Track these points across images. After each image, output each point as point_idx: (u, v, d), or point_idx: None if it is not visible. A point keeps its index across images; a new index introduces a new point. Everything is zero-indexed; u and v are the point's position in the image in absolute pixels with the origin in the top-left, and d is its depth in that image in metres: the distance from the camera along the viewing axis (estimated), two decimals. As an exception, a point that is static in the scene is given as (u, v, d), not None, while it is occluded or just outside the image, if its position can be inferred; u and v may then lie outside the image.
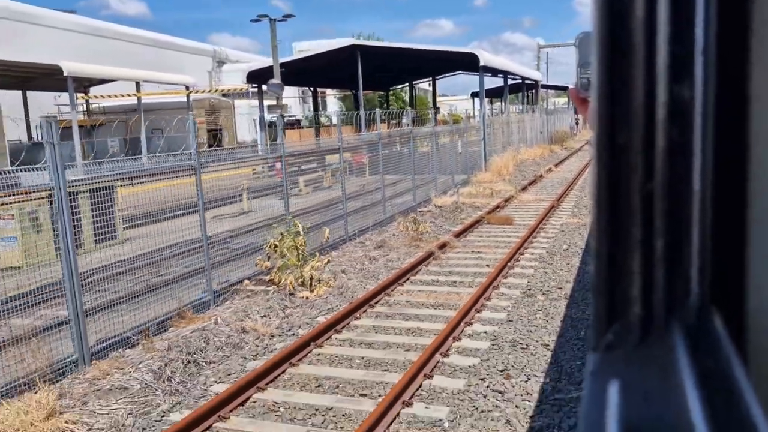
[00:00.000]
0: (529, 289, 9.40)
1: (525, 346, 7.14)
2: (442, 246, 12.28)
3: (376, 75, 32.08)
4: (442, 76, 36.43)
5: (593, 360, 0.51)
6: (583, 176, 24.38)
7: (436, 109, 30.59)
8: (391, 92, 48.23)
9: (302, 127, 41.40)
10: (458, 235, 13.37)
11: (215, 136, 38.92)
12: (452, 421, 5.47)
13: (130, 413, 5.89)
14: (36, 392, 5.87)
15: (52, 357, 6.70)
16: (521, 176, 24.30)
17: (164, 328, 8.21)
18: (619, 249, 0.50)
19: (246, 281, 10.00)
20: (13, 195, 7.50)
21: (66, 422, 5.64)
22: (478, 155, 24.82)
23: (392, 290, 9.61)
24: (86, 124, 32.57)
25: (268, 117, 41.15)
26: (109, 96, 35.99)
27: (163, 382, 6.53)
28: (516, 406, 5.68)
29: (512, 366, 6.60)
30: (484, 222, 15.12)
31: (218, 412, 5.72)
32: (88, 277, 8.24)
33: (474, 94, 58.85)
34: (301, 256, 9.86)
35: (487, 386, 6.12)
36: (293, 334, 7.89)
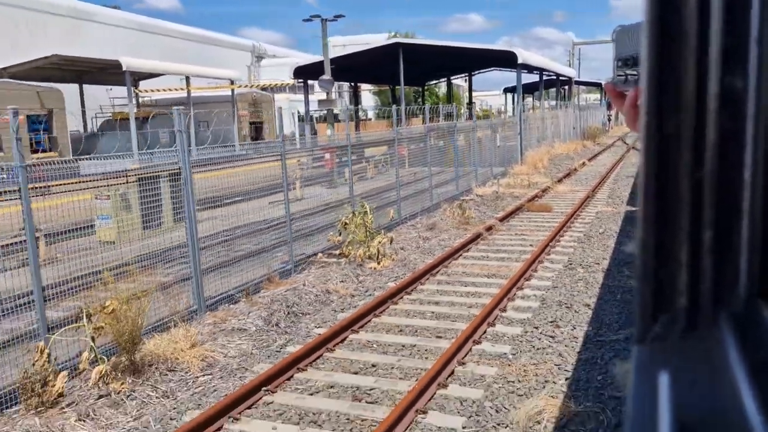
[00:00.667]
0: (570, 264, 10.78)
1: (569, 306, 8.54)
2: (489, 228, 13.69)
3: (414, 71, 33.43)
4: (478, 72, 37.69)
5: (640, 351, 0.51)
6: (616, 171, 25.52)
7: (472, 105, 31.86)
8: (426, 87, 49.54)
9: (340, 121, 43.00)
10: (502, 219, 14.76)
11: (257, 129, 40.74)
12: (515, 354, 6.91)
13: (253, 346, 7.45)
14: (178, 328, 7.45)
15: (179, 306, 8.28)
16: (556, 169, 25.52)
17: (258, 290, 9.75)
18: (667, 238, 0.49)
19: (319, 254, 11.53)
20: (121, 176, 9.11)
21: (205, 351, 7.21)
22: (515, 149, 26.09)
23: (449, 263, 11.06)
24: (139, 116, 34.50)
25: (302, 111, 42.90)
26: (157, 90, 37.97)
27: (273, 326, 8.09)
28: (565, 345, 7.10)
29: (559, 319, 8.01)
30: (524, 209, 16.47)
31: (325, 346, 7.24)
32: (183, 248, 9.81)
33: (507, 90, 59.86)
34: (368, 232, 11.36)
35: (540, 332, 7.55)
36: (370, 295, 9.40)
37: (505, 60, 27.61)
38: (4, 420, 5.80)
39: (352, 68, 30.15)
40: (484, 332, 7.58)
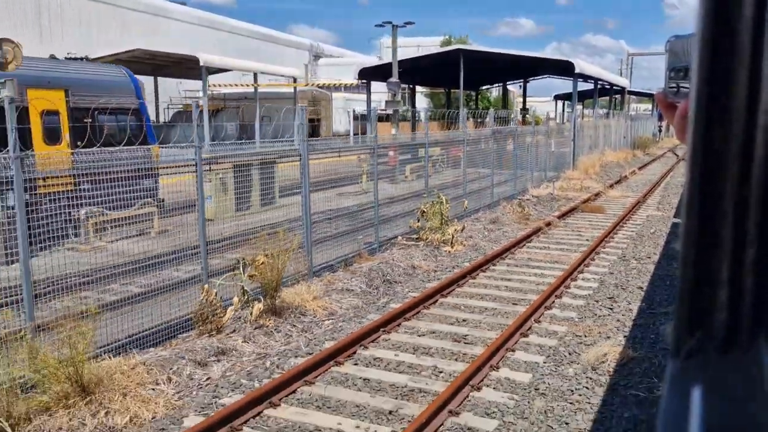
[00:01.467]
0: (624, 256, 12.24)
1: (624, 287, 10.04)
2: (548, 224, 15.21)
3: (471, 75, 34.93)
4: (533, 78, 39.02)
5: (675, 365, 0.51)
6: (666, 180, 26.61)
7: (526, 110, 33.21)
8: (478, 91, 50.93)
9: (398, 120, 44.74)
10: (559, 217, 16.25)
11: (314, 125, 42.81)
12: (580, 318, 8.48)
13: (361, 302, 9.18)
14: (300, 285, 9.22)
15: (299, 267, 10.06)
16: (606, 176, 26.74)
17: (351, 263, 11.49)
18: (709, 254, 0.49)
19: (399, 237, 13.23)
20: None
21: (325, 303, 8.96)
22: (568, 155, 27.39)
23: (514, 251, 12.64)
24: (210, 109, 36.84)
25: (358, 110, 44.81)
26: (224, 84, 40.36)
27: (374, 288, 9.82)
28: (622, 315, 8.64)
29: (616, 296, 9.53)
30: (578, 210, 17.91)
31: (422, 305, 8.92)
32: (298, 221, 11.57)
33: (557, 97, 60.83)
34: (444, 220, 13.02)
35: (600, 305, 9.09)
36: (450, 270, 11.05)
37: (562, 68, 28.95)
38: (179, 341, 7.62)
39: (413, 71, 31.85)
40: (553, 302, 9.16)
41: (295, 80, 38.23)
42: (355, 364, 6.91)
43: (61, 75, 12.27)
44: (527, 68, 33.62)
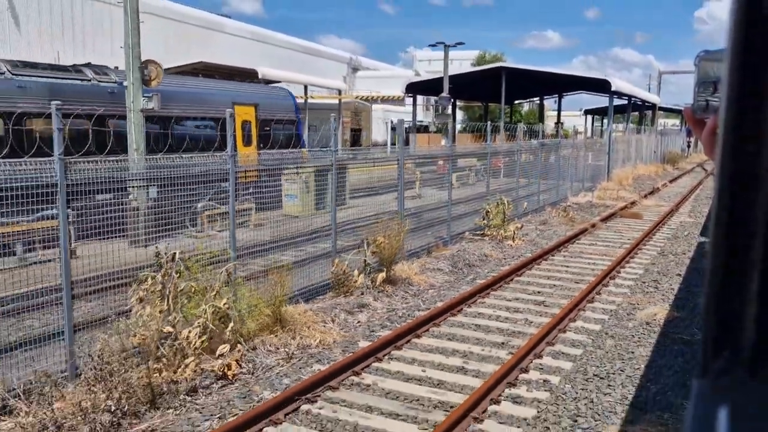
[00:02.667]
0: (663, 252, 14.45)
1: (665, 274, 12.27)
2: (592, 226, 17.45)
3: (508, 90, 37.26)
4: (567, 94, 41.28)
5: (701, 385, 0.50)
6: (696, 192, 28.66)
7: (560, 124, 35.42)
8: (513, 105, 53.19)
9: (430, 132, 47.25)
10: (601, 221, 18.48)
11: (355, 135, 45.40)
12: (632, 293, 10.73)
13: (452, 278, 11.52)
14: (403, 263, 11.56)
15: (403, 250, 12.40)
16: (640, 187, 28.86)
17: (431, 252, 13.83)
18: (736, 271, 0.49)
19: (466, 233, 15.56)
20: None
21: (424, 278, 11.30)
22: (602, 167, 29.57)
23: (566, 246, 14.90)
24: (262, 119, 39.50)
25: (395, 121, 47.43)
26: (272, 95, 43.00)
27: (459, 269, 12.16)
28: (665, 291, 10.88)
29: (659, 280, 11.75)
30: (617, 215, 20.11)
31: (503, 280, 11.23)
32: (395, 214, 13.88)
33: (587, 111, 62.89)
34: (505, 219, 15.34)
35: (647, 285, 11.33)
36: (516, 259, 13.34)
37: (597, 85, 31.20)
38: (326, 298, 9.97)
39: (454, 86, 34.28)
40: (607, 282, 11.42)
41: (340, 92, 40.87)
42: (465, 317, 9.24)
43: (253, 94, 15.78)
44: (563, 84, 35.90)
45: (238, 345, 7.16)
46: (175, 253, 7.00)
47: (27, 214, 6.91)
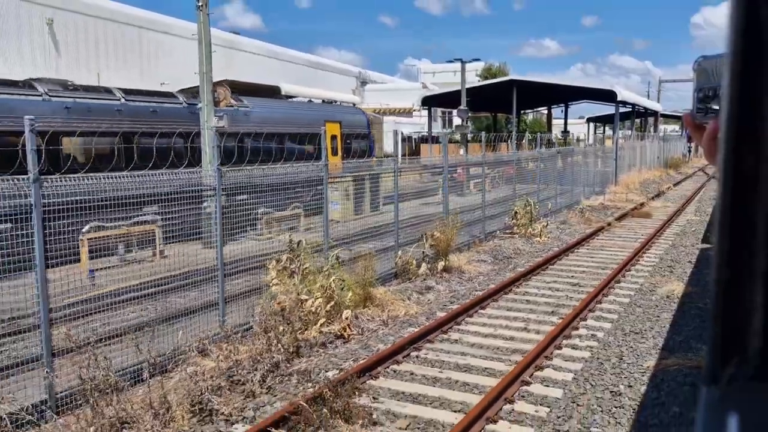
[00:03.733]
0: (674, 244, 16.46)
1: (678, 261, 14.27)
2: (608, 224, 19.48)
3: (517, 101, 39.42)
4: (573, 103, 43.47)
5: (709, 393, 0.51)
6: (699, 194, 30.72)
7: (567, 133, 37.55)
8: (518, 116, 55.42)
9: (439, 143, 49.49)
10: (615, 220, 20.51)
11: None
12: (651, 275, 12.73)
13: (496, 267, 13.51)
14: (455, 254, 13.55)
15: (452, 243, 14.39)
16: (646, 191, 30.92)
17: (470, 247, 15.81)
18: (742, 277, 0.49)
19: (497, 231, 17.56)
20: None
21: (472, 266, 13.29)
22: (610, 172, 31.64)
23: (587, 241, 16.91)
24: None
25: (406, 132, 49.64)
26: (288, 109, 45.05)
27: (500, 261, 14.16)
28: (680, 273, 12.88)
29: (673, 267, 13.75)
30: (629, 215, 22.14)
31: (540, 268, 13.22)
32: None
33: (590, 120, 65.14)
34: (532, 218, 17.36)
35: (663, 269, 13.33)
36: (545, 252, 15.33)
37: (604, 95, 33.38)
38: (393, 284, 11.94)
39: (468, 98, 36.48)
40: (629, 268, 13.42)
41: (354, 105, 43.01)
42: (516, 295, 11.24)
43: (337, 113, 18.72)
44: (570, 94, 38.07)
45: (345, 314, 9.15)
46: (301, 241, 9.00)
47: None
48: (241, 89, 37.26)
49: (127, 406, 6.02)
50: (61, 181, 6.78)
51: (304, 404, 6.12)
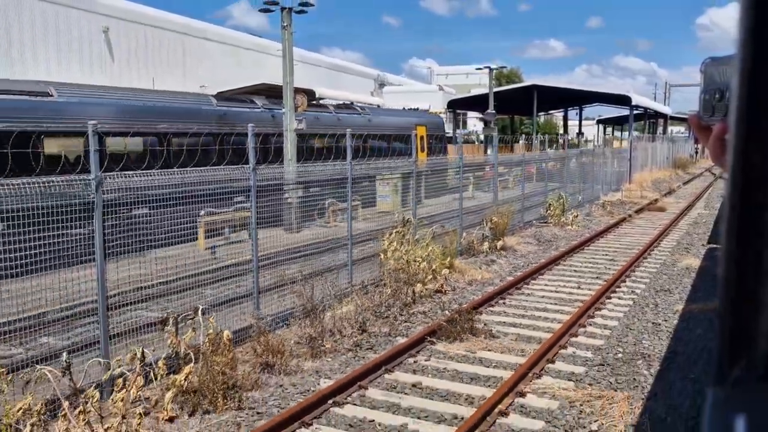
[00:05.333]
0: (688, 232, 19.33)
1: (692, 244, 17.13)
2: (628, 216, 22.36)
3: (533, 104, 42.31)
4: (587, 106, 46.39)
5: (716, 393, 0.51)
6: (708, 192, 33.60)
7: (581, 134, 40.40)
8: (531, 118, 58.33)
9: (455, 143, 52.47)
10: (634, 213, 23.39)
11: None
12: (672, 254, 15.59)
13: (541, 248, 16.38)
14: (507, 237, 16.42)
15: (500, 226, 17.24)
16: (658, 189, 33.78)
17: (514, 233, 18.64)
18: (750, 279, 0.50)
19: (533, 221, 20.43)
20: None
21: (521, 247, 16.15)
22: (625, 171, 34.53)
23: (613, 229, 19.78)
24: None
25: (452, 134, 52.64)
26: (315, 111, 47.89)
27: (542, 243, 17.04)
28: (694, 253, 15.74)
29: (689, 247, 16.60)
30: (645, 209, 25.01)
31: (578, 249, 16.09)
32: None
33: (599, 122, 68.04)
34: (563, 209, 20.23)
35: (680, 250, 16.19)
36: (578, 237, 18.18)
37: (619, 100, 36.26)
38: (461, 259, 14.78)
39: (486, 101, 39.40)
40: (652, 249, 16.27)
41: (379, 107, 45.90)
42: (564, 266, 14.11)
43: (423, 118, 22.43)
44: (585, 98, 40.98)
45: (444, 273, 12.01)
46: (410, 218, 11.87)
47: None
48: (279, 93, 40.12)
49: (321, 324, 8.89)
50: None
51: (444, 323, 9.00)
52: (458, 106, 40.42)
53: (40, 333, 7.46)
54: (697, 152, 65.20)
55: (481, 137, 60.67)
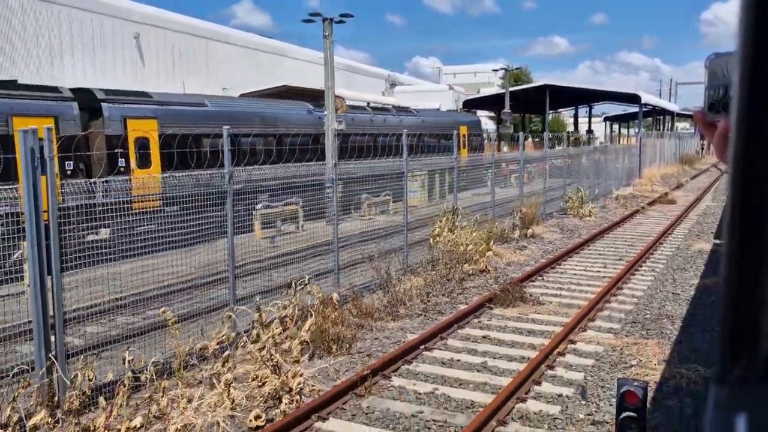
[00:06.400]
0: (698, 221, 21.10)
1: (703, 232, 18.89)
2: (642, 208, 24.13)
3: (543, 103, 44.05)
4: (596, 104, 48.17)
5: (718, 392, 0.52)
6: (714, 186, 35.35)
7: (591, 131, 42.14)
8: (540, 116, 60.01)
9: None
10: (647, 205, 25.17)
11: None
12: (685, 239, 17.36)
13: (564, 236, 18.17)
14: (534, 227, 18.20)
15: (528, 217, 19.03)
16: (667, 183, 35.54)
17: (537, 223, 20.40)
18: (752, 278, 0.50)
19: (554, 213, 22.20)
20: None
21: (547, 235, 17.94)
22: (635, 167, 36.28)
23: (629, 219, 21.55)
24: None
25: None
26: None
27: (565, 232, 18.82)
28: (706, 239, 17.51)
29: (700, 235, 18.36)
30: (657, 202, 26.78)
31: (597, 236, 17.87)
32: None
33: (607, 119, 69.77)
34: (582, 201, 22.02)
35: (693, 236, 17.96)
36: (598, 227, 19.95)
37: (628, 98, 38.03)
38: (494, 245, 16.55)
39: (499, 101, 41.15)
40: (666, 237, 18.04)
41: (394, 107, 47.69)
42: (589, 250, 15.90)
43: (464, 119, 25.03)
44: (595, 97, 42.76)
45: (488, 254, 13.79)
46: (457, 207, 13.66)
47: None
48: (300, 94, 41.92)
49: (395, 294, 10.69)
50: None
51: (498, 292, 10.80)
52: (473, 105, 42.20)
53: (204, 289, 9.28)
54: (702, 148, 66.90)
55: (492, 135, 62.42)
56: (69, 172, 13.08)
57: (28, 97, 14.06)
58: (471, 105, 42.15)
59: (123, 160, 15.02)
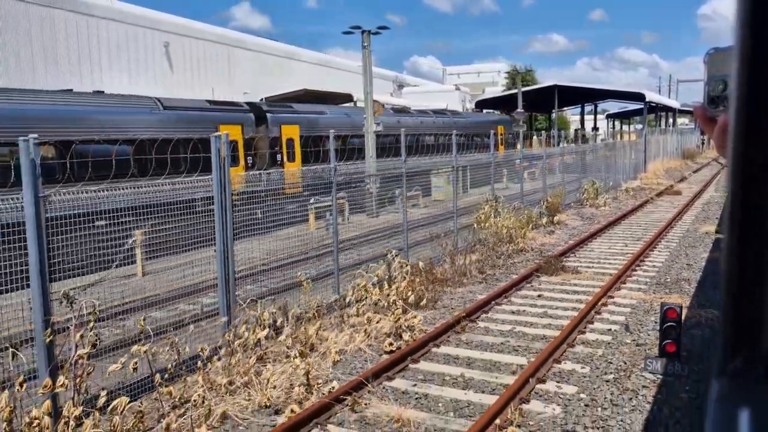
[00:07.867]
0: (703, 210, 23.51)
1: (708, 218, 21.29)
2: (651, 199, 26.55)
3: (549, 102, 46.47)
4: (601, 102, 50.63)
5: (720, 385, 0.52)
6: (716, 179, 37.80)
7: (597, 129, 44.56)
8: (545, 114, 62.50)
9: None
10: (655, 196, 27.59)
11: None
12: (693, 224, 19.76)
13: (584, 223, 20.57)
14: (558, 214, 20.58)
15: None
16: (671, 177, 37.98)
17: (559, 212, 22.79)
18: (753, 272, 0.51)
19: (571, 203, 24.59)
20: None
21: (570, 222, 20.32)
22: (640, 162, 38.73)
23: (640, 209, 23.96)
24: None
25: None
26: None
27: (585, 219, 21.22)
28: (712, 223, 19.91)
29: (706, 220, 20.76)
30: (663, 194, 29.20)
31: (614, 223, 20.26)
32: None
33: (609, 116, 72.30)
34: (596, 192, 24.42)
35: (699, 220, 20.35)
36: (612, 216, 22.33)
37: (633, 97, 40.49)
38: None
39: (510, 101, 43.56)
40: (676, 222, 20.43)
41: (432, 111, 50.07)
42: (608, 233, 18.28)
43: (499, 119, 28.20)
44: (601, 96, 45.22)
45: (529, 235, 16.16)
46: (498, 196, 16.05)
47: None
48: (318, 97, 44.28)
49: (458, 267, 13.06)
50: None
51: (542, 264, 13.18)
52: (485, 105, 44.62)
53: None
54: (703, 143, 69.44)
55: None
56: (249, 164, 18.01)
57: (225, 111, 19.45)
58: (483, 105, 44.56)
59: (279, 156, 20.46)
